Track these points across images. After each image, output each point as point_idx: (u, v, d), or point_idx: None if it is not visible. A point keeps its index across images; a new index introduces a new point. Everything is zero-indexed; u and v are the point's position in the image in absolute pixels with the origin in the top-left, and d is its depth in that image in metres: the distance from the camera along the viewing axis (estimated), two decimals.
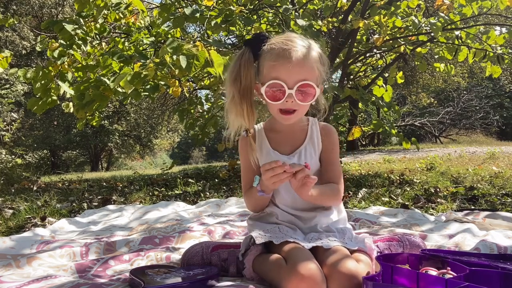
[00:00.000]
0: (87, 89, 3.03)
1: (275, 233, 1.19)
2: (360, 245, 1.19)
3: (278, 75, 1.17)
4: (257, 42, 1.23)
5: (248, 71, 1.20)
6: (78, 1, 3.08)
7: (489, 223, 1.88)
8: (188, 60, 2.21)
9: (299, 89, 1.17)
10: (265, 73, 1.20)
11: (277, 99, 1.18)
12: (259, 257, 1.18)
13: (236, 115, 1.22)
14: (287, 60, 1.16)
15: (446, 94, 17.74)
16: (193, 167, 8.13)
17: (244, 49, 1.23)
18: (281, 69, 1.16)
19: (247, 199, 1.33)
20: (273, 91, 1.18)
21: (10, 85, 12.61)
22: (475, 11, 3.80)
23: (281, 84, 1.16)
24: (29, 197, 3.05)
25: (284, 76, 1.16)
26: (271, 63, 1.18)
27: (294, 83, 1.16)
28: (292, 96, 1.17)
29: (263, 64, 1.21)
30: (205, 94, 4.88)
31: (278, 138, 1.32)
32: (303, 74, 1.17)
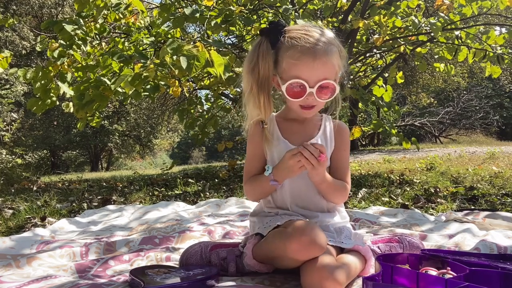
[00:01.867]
0: (87, 89, 3.04)
1: (279, 219, 1.20)
2: (358, 242, 1.19)
3: (300, 74, 1.16)
4: (274, 32, 1.20)
5: (266, 62, 1.19)
6: (78, 1, 3.08)
7: (489, 223, 1.88)
8: (189, 61, 2.21)
9: (319, 87, 1.16)
10: (285, 68, 1.18)
11: (298, 96, 1.18)
12: (258, 244, 1.20)
13: (253, 106, 1.22)
14: (310, 59, 1.14)
15: (446, 94, 17.74)
16: (193, 167, 8.14)
17: (261, 39, 1.21)
18: (303, 68, 1.15)
19: (250, 188, 1.31)
20: (294, 89, 1.17)
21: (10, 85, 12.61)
22: (475, 11, 3.80)
23: (303, 84, 1.16)
24: (29, 197, 3.05)
25: (306, 75, 1.15)
26: (293, 61, 1.16)
27: (315, 82, 1.16)
28: (313, 94, 1.17)
29: (283, 58, 1.19)
30: (205, 94, 4.88)
31: (290, 128, 1.30)
32: (325, 72, 1.16)
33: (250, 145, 1.31)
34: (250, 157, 1.32)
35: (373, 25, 4.18)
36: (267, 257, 1.17)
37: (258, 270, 1.21)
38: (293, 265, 1.10)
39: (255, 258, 1.20)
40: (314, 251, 1.02)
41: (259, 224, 1.27)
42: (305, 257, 1.03)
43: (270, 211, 1.31)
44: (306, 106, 1.21)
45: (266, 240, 1.17)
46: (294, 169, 1.16)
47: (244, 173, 1.34)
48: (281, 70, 1.20)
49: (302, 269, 1.05)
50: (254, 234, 1.26)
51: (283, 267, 1.16)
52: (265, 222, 1.24)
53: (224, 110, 4.77)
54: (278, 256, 1.10)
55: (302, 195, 1.27)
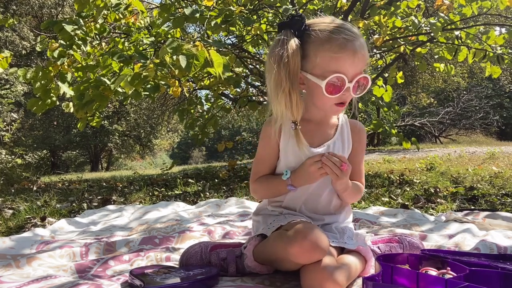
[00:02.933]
0: (87, 89, 3.04)
1: (283, 220, 1.18)
2: (360, 243, 1.18)
3: (339, 68, 1.10)
4: (299, 25, 1.14)
5: (297, 57, 1.12)
6: (78, 1, 3.08)
7: (489, 223, 1.88)
8: (188, 60, 2.21)
9: (356, 82, 1.13)
10: (321, 63, 1.12)
11: (337, 92, 1.13)
12: (258, 245, 1.19)
13: (286, 105, 1.13)
14: (352, 53, 1.10)
15: (446, 94, 17.74)
16: (193, 167, 8.14)
17: (287, 33, 1.14)
18: (345, 62, 1.10)
19: (259, 187, 1.27)
20: (334, 84, 1.12)
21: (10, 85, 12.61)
22: (475, 11, 3.80)
23: (343, 78, 1.11)
24: (29, 197, 3.05)
25: (346, 69, 1.11)
26: (333, 55, 1.10)
27: (353, 77, 1.12)
28: (349, 89, 1.13)
29: (316, 52, 1.12)
30: (205, 94, 4.88)
31: (307, 129, 1.23)
32: (362, 66, 1.14)
33: (263, 145, 1.27)
34: (261, 157, 1.28)
35: (373, 25, 4.18)
36: (268, 259, 1.16)
37: (258, 272, 1.21)
38: (294, 268, 1.10)
39: (255, 259, 1.19)
40: (316, 255, 1.02)
41: (263, 224, 1.26)
42: (307, 261, 1.03)
43: (274, 209, 1.30)
44: (340, 103, 1.16)
45: (267, 242, 1.16)
46: (315, 176, 1.14)
47: (253, 172, 1.30)
48: (312, 66, 1.13)
49: (302, 270, 1.05)
50: (256, 235, 1.25)
51: (284, 269, 1.16)
52: (268, 223, 1.23)
53: (224, 110, 4.77)
54: (279, 259, 1.10)
55: (313, 197, 1.26)
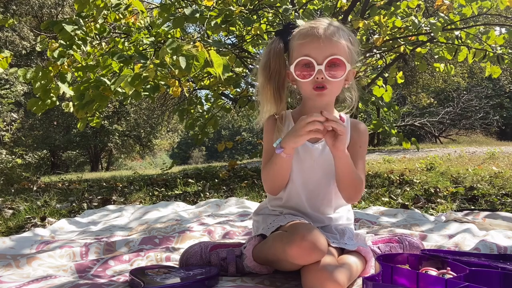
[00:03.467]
0: (87, 89, 3.03)
1: (282, 220, 1.19)
2: (360, 244, 1.18)
3: (306, 52, 1.17)
4: (287, 31, 1.25)
5: (278, 58, 1.23)
6: (78, 1, 3.08)
7: (489, 223, 1.88)
8: (188, 61, 2.21)
9: (328, 64, 1.16)
10: (295, 54, 1.20)
11: (307, 76, 1.18)
12: (258, 245, 1.20)
13: (265, 100, 1.25)
14: (315, 36, 1.16)
15: (446, 94, 17.73)
16: (193, 167, 8.14)
17: (274, 38, 1.26)
18: (309, 46, 1.17)
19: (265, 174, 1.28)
20: (302, 68, 1.18)
21: (10, 85, 12.61)
22: (475, 11, 3.80)
23: (309, 60, 1.16)
24: (29, 197, 3.05)
25: (313, 52, 1.16)
26: (300, 42, 1.19)
27: (323, 59, 1.16)
28: (322, 72, 1.16)
29: (292, 47, 1.23)
30: (205, 94, 4.88)
31: None
32: (332, 49, 1.16)
33: (265, 139, 1.33)
34: (266, 150, 1.32)
35: (373, 25, 4.18)
36: (267, 259, 1.16)
37: (258, 272, 1.21)
38: (294, 269, 1.10)
39: (255, 260, 1.20)
40: (315, 256, 1.02)
41: (262, 224, 1.27)
42: (306, 262, 1.03)
43: (274, 209, 1.31)
44: (317, 86, 1.18)
45: (266, 243, 1.17)
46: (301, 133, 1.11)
47: (262, 163, 1.34)
48: (292, 59, 1.22)
49: (303, 270, 1.05)
50: (255, 235, 1.25)
51: (283, 269, 1.16)
52: (268, 223, 1.23)
53: (224, 110, 4.77)
54: (278, 259, 1.10)
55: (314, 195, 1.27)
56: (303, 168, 1.27)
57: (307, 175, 1.26)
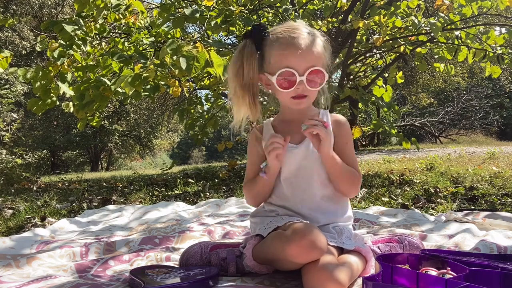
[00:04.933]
0: (87, 89, 3.04)
1: (279, 221, 1.20)
2: (358, 244, 1.18)
3: (288, 64, 1.18)
4: (257, 33, 1.24)
5: (251, 63, 1.22)
6: (78, 1, 3.08)
7: (489, 223, 1.88)
8: (188, 62, 2.21)
9: (309, 75, 1.19)
10: (273, 62, 1.21)
11: (289, 87, 1.20)
12: (257, 245, 1.20)
13: (238, 107, 1.25)
14: (297, 48, 1.18)
15: (446, 94, 17.73)
16: (193, 167, 8.14)
17: (245, 42, 1.24)
18: (291, 57, 1.18)
19: (247, 191, 1.35)
20: (284, 79, 1.20)
21: (10, 85, 12.61)
22: (475, 11, 3.80)
23: (292, 72, 1.18)
24: (29, 197, 3.05)
25: (294, 64, 1.18)
26: (281, 52, 1.19)
27: (304, 70, 1.18)
28: (303, 82, 1.19)
29: (270, 54, 1.22)
30: (205, 94, 4.88)
31: (287, 128, 1.30)
32: (312, 60, 1.20)
33: (249, 152, 1.37)
34: (249, 163, 1.37)
35: (373, 25, 4.18)
36: (267, 259, 1.17)
37: (258, 272, 1.21)
38: (293, 268, 1.10)
39: (255, 259, 1.20)
40: (314, 254, 1.02)
41: (259, 225, 1.27)
42: (305, 260, 1.03)
43: (271, 208, 1.31)
44: (297, 96, 1.22)
45: (265, 242, 1.17)
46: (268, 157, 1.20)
47: (245, 176, 1.38)
48: (270, 66, 1.23)
49: (304, 270, 1.05)
50: (255, 235, 1.26)
51: (283, 269, 1.16)
52: (265, 223, 1.23)
53: (224, 110, 4.76)
54: (278, 259, 1.10)
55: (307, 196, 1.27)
56: (290, 170, 1.28)
57: (295, 177, 1.28)
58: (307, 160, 1.28)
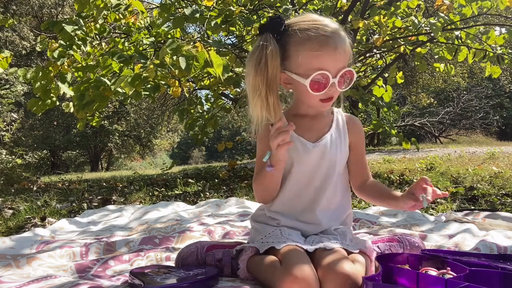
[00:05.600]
0: (87, 89, 3.04)
1: (277, 237, 1.16)
2: (360, 247, 1.17)
3: (322, 65, 1.12)
4: (277, 27, 1.15)
5: (276, 61, 1.13)
6: (78, 1, 3.08)
7: (489, 223, 1.88)
8: (188, 61, 2.22)
9: (341, 76, 1.14)
10: (303, 62, 1.13)
11: (322, 89, 1.14)
12: (253, 258, 1.17)
13: (262, 109, 1.15)
14: (332, 48, 1.11)
15: (446, 94, 17.74)
16: (193, 167, 8.14)
17: (266, 36, 1.14)
18: (326, 58, 1.12)
19: (256, 186, 1.26)
20: (317, 82, 1.13)
21: (10, 85, 12.61)
22: (475, 11, 3.80)
23: (326, 75, 1.12)
24: (29, 197, 3.05)
25: (328, 65, 1.12)
26: (314, 53, 1.11)
27: (337, 72, 1.13)
28: (335, 84, 1.14)
29: (297, 52, 1.13)
30: (205, 94, 4.88)
31: (303, 124, 1.24)
32: (344, 61, 1.15)
33: (260, 146, 1.28)
34: (259, 159, 1.28)
35: (373, 25, 4.18)
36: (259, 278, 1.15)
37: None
38: None
39: (249, 271, 1.18)
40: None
41: (258, 234, 1.23)
42: None
43: (272, 216, 1.26)
44: (326, 98, 1.17)
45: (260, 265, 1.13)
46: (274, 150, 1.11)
47: (254, 172, 1.31)
48: (295, 65, 1.15)
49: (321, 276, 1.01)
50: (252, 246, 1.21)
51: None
52: (263, 235, 1.20)
53: (224, 110, 4.77)
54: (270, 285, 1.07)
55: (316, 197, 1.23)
56: (303, 171, 1.23)
57: (307, 180, 1.23)
58: (323, 162, 1.23)
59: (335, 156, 1.24)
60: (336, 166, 1.24)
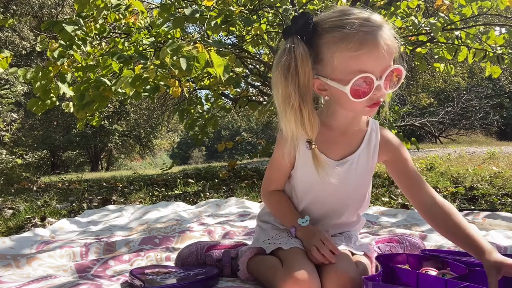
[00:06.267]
0: (87, 89, 3.04)
1: (285, 238, 1.12)
2: (364, 249, 1.16)
3: (363, 67, 0.94)
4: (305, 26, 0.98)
5: (307, 66, 0.97)
6: (78, 1, 3.08)
7: (489, 223, 1.88)
8: (188, 62, 2.21)
9: (387, 77, 0.97)
10: (339, 65, 0.96)
11: (365, 95, 0.96)
12: (254, 258, 1.16)
13: (296, 123, 1.00)
14: (374, 47, 0.93)
15: (446, 94, 17.73)
16: (193, 167, 8.13)
17: (294, 40, 0.98)
18: (367, 59, 0.94)
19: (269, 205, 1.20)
20: (359, 87, 0.95)
21: (10, 85, 12.60)
22: (475, 11, 3.80)
23: (370, 78, 0.94)
24: (29, 197, 3.05)
25: (371, 66, 0.94)
26: (352, 54, 0.93)
27: (382, 72, 0.96)
28: (381, 87, 0.96)
29: (332, 53, 0.96)
30: (205, 94, 4.88)
31: (329, 138, 1.09)
32: (390, 58, 0.97)
33: (277, 153, 1.14)
34: (274, 166, 1.17)
35: None
36: (259, 277, 1.14)
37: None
38: None
39: (249, 271, 1.17)
40: None
41: (265, 234, 1.20)
42: None
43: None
44: (373, 103, 0.99)
45: (262, 264, 1.12)
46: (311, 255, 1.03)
47: (266, 179, 1.20)
48: (331, 70, 0.98)
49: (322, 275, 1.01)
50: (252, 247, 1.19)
51: None
52: (270, 236, 1.16)
53: (224, 110, 4.77)
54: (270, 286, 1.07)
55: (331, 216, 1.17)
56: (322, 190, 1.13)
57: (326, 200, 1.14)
58: (346, 183, 1.11)
59: (359, 180, 1.13)
60: (357, 191, 1.15)
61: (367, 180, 1.17)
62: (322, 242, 1.03)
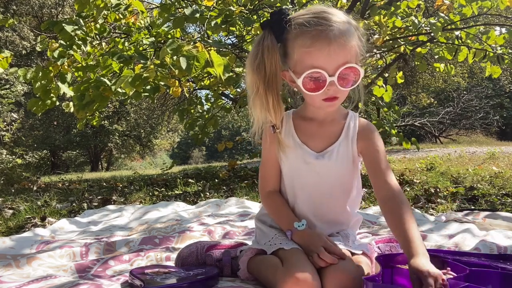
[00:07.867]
0: (87, 89, 3.04)
1: (285, 238, 1.13)
2: (363, 248, 1.16)
3: (314, 63, 1.01)
4: (278, 22, 1.06)
5: (273, 57, 1.05)
6: (78, 1, 3.08)
7: (489, 223, 1.88)
8: (188, 62, 2.21)
9: (341, 74, 1.02)
10: (297, 59, 1.04)
11: (317, 89, 1.04)
12: (254, 258, 1.16)
13: (261, 109, 1.08)
14: (325, 43, 1.00)
15: (446, 94, 17.73)
16: (193, 167, 8.13)
17: (264, 33, 1.07)
18: (318, 55, 1.01)
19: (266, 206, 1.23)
20: (312, 81, 1.03)
21: (10, 85, 12.60)
22: (475, 11, 3.80)
23: (320, 73, 1.01)
24: (29, 197, 3.05)
25: (322, 62, 1.01)
26: (306, 49, 1.02)
27: (335, 69, 1.02)
28: (334, 83, 1.02)
29: (293, 48, 1.05)
30: (205, 94, 4.88)
31: (309, 129, 1.16)
32: (345, 56, 1.02)
33: (264, 150, 1.21)
34: (265, 162, 1.22)
35: (373, 25, 4.18)
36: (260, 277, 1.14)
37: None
38: None
39: (249, 271, 1.17)
40: None
41: (265, 237, 1.20)
42: None
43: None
44: (328, 98, 1.07)
45: (262, 265, 1.12)
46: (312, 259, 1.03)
47: (260, 178, 1.25)
48: (294, 63, 1.06)
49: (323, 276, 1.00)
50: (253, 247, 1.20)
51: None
52: (270, 237, 1.17)
53: (224, 110, 4.77)
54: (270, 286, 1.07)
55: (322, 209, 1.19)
56: (305, 183, 1.17)
57: (311, 190, 1.17)
58: (328, 174, 1.15)
59: (341, 170, 1.16)
60: (341, 181, 1.17)
61: (350, 170, 1.18)
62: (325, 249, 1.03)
